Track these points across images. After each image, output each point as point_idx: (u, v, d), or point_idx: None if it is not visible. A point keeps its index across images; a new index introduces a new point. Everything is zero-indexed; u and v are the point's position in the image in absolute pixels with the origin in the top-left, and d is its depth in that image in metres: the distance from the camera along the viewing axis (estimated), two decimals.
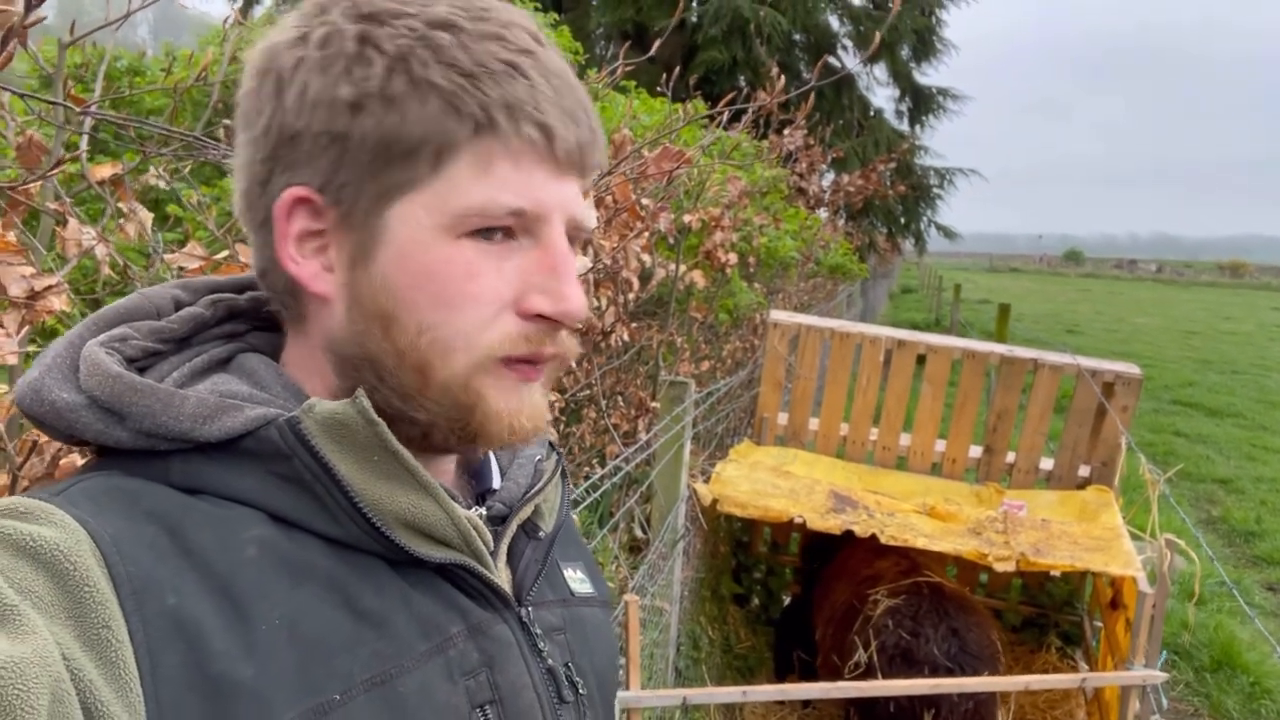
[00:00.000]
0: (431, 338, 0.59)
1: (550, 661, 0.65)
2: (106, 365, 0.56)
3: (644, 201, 1.90)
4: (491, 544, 0.65)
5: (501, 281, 0.60)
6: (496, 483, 0.72)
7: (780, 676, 3.84)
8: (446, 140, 0.57)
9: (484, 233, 0.59)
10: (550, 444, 0.78)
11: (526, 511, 0.69)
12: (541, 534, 0.71)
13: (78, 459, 1.15)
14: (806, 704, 3.86)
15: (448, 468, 0.69)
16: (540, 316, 0.60)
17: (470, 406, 0.61)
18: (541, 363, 0.63)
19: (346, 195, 0.59)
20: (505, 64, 0.58)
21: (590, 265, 1.66)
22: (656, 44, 1.89)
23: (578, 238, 0.66)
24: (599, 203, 2.00)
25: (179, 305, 0.64)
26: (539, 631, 0.66)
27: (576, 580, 0.76)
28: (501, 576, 0.65)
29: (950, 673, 2.72)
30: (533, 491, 0.70)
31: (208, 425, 0.55)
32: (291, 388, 0.62)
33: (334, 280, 0.61)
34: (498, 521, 0.67)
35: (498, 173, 0.58)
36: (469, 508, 0.65)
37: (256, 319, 0.68)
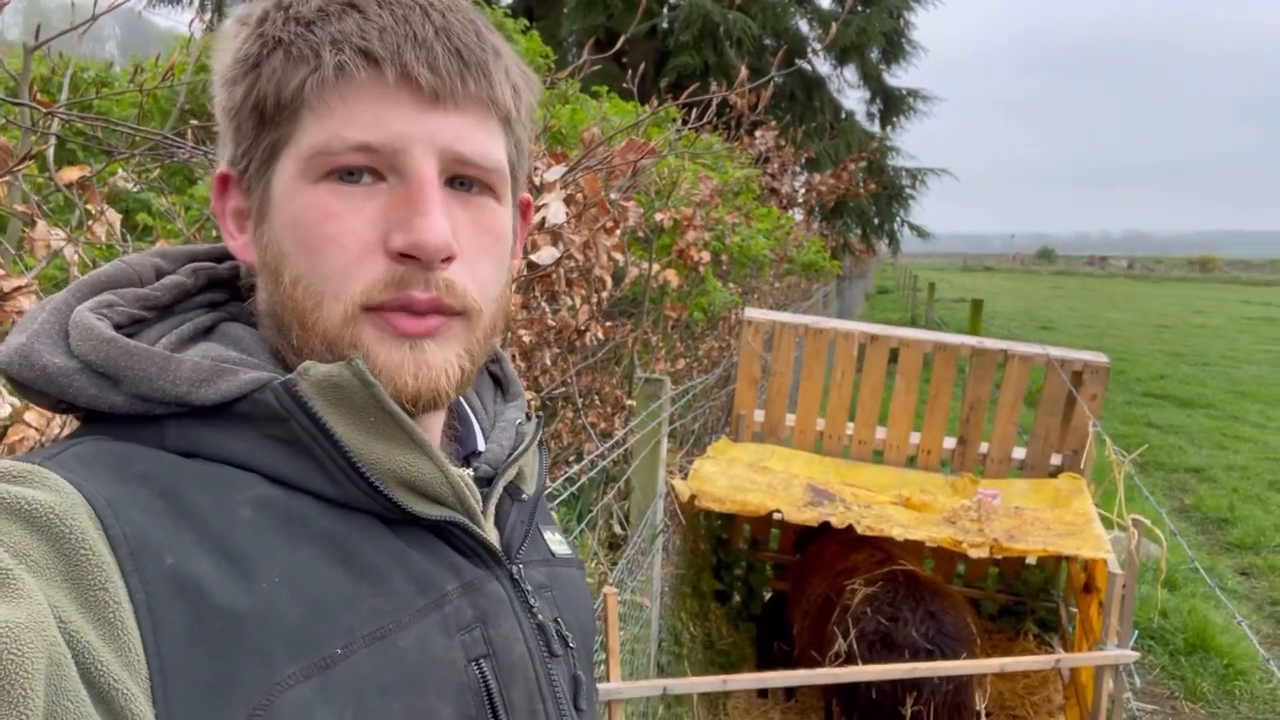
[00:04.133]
0: (304, 287, 0.60)
1: (540, 617, 0.67)
2: (100, 329, 0.56)
3: (612, 197, 1.92)
4: (481, 504, 0.66)
5: (362, 222, 0.59)
6: (481, 445, 0.73)
7: (763, 670, 3.86)
8: (292, 89, 0.58)
9: (344, 175, 0.59)
10: (527, 411, 0.79)
11: (511, 473, 0.71)
12: (525, 496, 0.72)
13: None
14: (790, 696, 3.89)
15: (435, 430, 0.70)
16: (403, 255, 0.59)
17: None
18: (422, 312, 0.60)
19: (246, 164, 0.62)
20: (343, 4, 0.59)
21: (558, 256, 1.68)
22: (621, 39, 1.91)
23: (474, 175, 0.63)
24: (569, 200, 2.03)
25: (160, 274, 0.65)
26: (529, 588, 0.67)
27: (555, 542, 0.78)
28: (490, 536, 0.66)
29: (930, 655, 2.76)
30: (517, 453, 0.72)
31: (204, 389, 0.56)
32: (276, 354, 0.64)
33: (256, 248, 0.64)
34: (484, 483, 0.69)
35: (336, 110, 0.58)
36: (458, 468, 0.66)
37: (235, 288, 0.70)
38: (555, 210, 1.75)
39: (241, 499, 0.55)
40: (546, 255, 1.62)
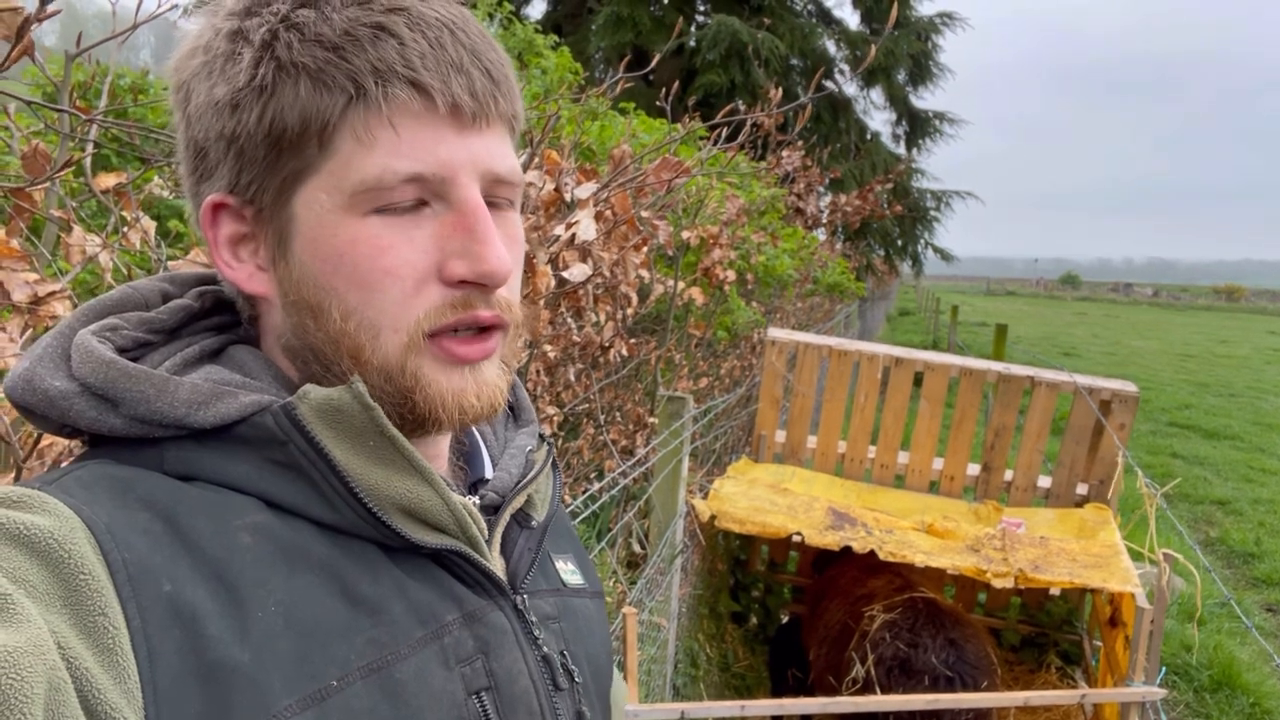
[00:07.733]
0: (358, 321, 0.59)
1: (545, 649, 0.65)
2: (99, 352, 0.56)
3: (643, 214, 1.91)
4: (486, 532, 0.65)
5: (416, 252, 0.58)
6: (489, 472, 0.72)
7: (777, 696, 3.81)
8: (324, 118, 0.56)
9: (391, 205, 0.58)
10: (540, 435, 0.78)
11: (519, 501, 0.69)
12: (534, 524, 0.71)
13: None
14: None
15: (441, 455, 0.69)
16: (463, 281, 0.59)
17: (410, 389, 0.60)
18: (484, 332, 0.61)
19: (255, 192, 0.59)
20: (372, 28, 0.56)
21: (589, 274, 1.68)
22: (656, 59, 1.91)
23: (504, 193, 0.63)
24: (598, 216, 2.02)
25: (167, 298, 0.65)
26: (534, 619, 0.66)
27: (568, 571, 0.76)
28: (496, 565, 0.65)
29: (950, 682, 2.71)
30: (525, 481, 0.70)
31: (202, 411, 0.55)
32: (281, 378, 0.63)
33: (268, 278, 0.62)
34: (490, 511, 0.68)
35: (383, 141, 0.56)
36: (463, 495, 0.65)
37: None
38: (586, 227, 1.75)
39: (240, 525, 0.54)
40: (578, 272, 1.61)
